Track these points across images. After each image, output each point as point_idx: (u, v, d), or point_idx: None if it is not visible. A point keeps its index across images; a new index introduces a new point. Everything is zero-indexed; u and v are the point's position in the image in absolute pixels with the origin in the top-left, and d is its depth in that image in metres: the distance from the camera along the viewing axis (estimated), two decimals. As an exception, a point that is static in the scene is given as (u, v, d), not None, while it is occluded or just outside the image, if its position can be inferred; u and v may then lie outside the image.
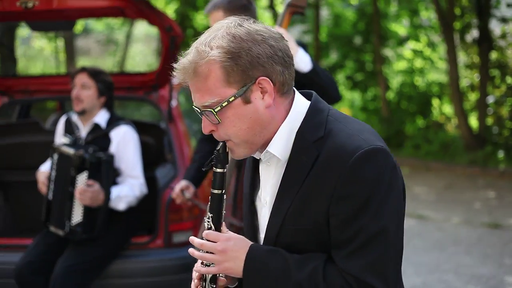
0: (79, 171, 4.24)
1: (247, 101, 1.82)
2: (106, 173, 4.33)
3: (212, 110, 1.82)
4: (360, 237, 1.79)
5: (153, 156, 4.87)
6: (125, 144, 4.49)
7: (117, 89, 4.81)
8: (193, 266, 2.02)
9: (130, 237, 4.52)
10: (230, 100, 1.81)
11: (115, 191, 4.33)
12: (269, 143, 1.91)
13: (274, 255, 1.88)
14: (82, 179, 4.24)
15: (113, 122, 4.54)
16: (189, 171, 4.11)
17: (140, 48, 23.34)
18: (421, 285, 5.84)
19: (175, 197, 3.97)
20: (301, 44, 3.69)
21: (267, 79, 1.81)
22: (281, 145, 1.89)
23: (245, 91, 1.80)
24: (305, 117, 1.89)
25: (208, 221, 1.96)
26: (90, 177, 4.23)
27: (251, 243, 1.94)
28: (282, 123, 1.89)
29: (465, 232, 7.60)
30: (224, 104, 1.81)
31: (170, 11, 16.23)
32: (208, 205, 1.98)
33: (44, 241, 4.37)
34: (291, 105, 1.90)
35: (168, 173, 4.74)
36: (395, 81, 14.73)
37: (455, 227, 7.87)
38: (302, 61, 3.48)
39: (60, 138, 4.58)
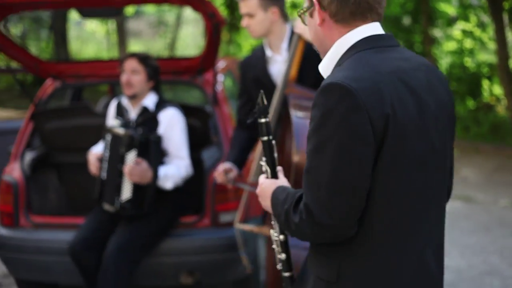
0: (129, 149, 4.41)
1: (311, 16, 2.17)
2: (154, 152, 4.49)
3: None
4: (306, 164, 2.01)
5: (199, 138, 5.00)
6: (172, 126, 4.64)
7: (164, 73, 4.97)
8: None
9: (179, 216, 4.68)
10: (304, 10, 2.20)
11: (162, 170, 4.49)
12: None
13: (283, 191, 2.17)
14: (131, 157, 4.41)
15: (161, 105, 4.70)
16: (231, 154, 4.23)
17: (191, 30, 23.47)
18: (466, 267, 5.88)
19: (217, 176, 4.08)
20: None
21: (317, 3, 2.11)
22: (325, 64, 2.17)
23: (310, 8, 2.16)
24: (346, 49, 2.10)
25: (264, 165, 2.34)
26: (139, 155, 4.40)
27: (280, 184, 2.25)
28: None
29: (512, 214, 7.61)
30: (302, 12, 2.23)
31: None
32: (262, 152, 2.36)
33: (96, 219, 4.58)
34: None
35: (214, 155, 4.87)
36: (445, 62, 14.58)
37: (502, 209, 7.86)
38: None
39: (111, 121, 4.76)
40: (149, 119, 4.63)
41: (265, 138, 2.33)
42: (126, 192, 4.45)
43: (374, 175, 1.96)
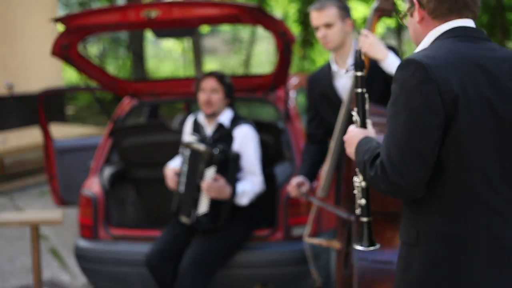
0: (208, 165, 4.54)
1: (412, 15, 2.40)
2: (233, 170, 4.62)
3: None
4: (386, 128, 2.25)
5: (272, 154, 5.11)
6: (246, 142, 4.76)
7: (238, 91, 5.10)
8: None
9: (252, 230, 4.78)
10: (406, 11, 2.43)
11: (240, 186, 4.61)
12: None
13: (368, 142, 2.37)
14: (210, 173, 4.54)
15: (235, 121, 4.83)
16: (303, 168, 4.30)
17: (265, 46, 23.71)
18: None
19: (290, 189, 4.16)
20: (391, 48, 3.82)
21: (417, 3, 2.34)
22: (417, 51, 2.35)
23: (411, 8, 2.39)
24: (435, 37, 2.32)
25: (354, 115, 2.55)
26: (217, 172, 4.53)
27: (367, 135, 2.45)
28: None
29: None
30: (404, 14, 2.47)
31: (293, 9, 16.47)
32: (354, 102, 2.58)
33: (173, 231, 4.72)
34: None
35: (286, 170, 4.96)
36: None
37: None
38: (392, 65, 3.62)
39: (188, 137, 4.90)
40: (224, 135, 4.75)
41: (359, 90, 2.55)
42: (203, 207, 4.58)
43: (445, 146, 2.17)
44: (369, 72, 3.71)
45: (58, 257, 6.56)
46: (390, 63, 3.63)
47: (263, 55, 23.65)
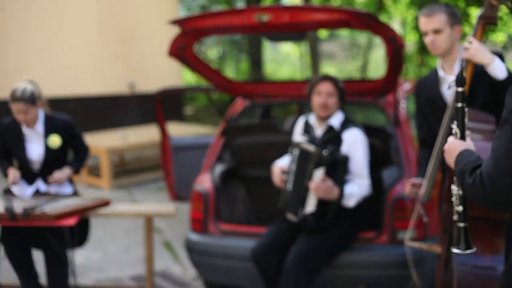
0: (317, 166, 4.66)
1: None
2: (341, 171, 4.71)
3: None
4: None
5: (380, 158, 5.16)
6: (355, 145, 4.84)
7: (349, 95, 5.19)
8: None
9: (357, 232, 4.86)
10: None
11: (347, 188, 4.70)
12: None
13: (470, 154, 2.43)
14: (318, 174, 4.65)
15: (345, 124, 4.92)
16: (419, 172, 4.33)
17: (382, 52, 23.55)
18: None
19: (405, 186, 4.22)
20: (497, 53, 3.81)
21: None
22: None
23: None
24: None
25: (454, 128, 2.62)
26: (326, 173, 4.63)
27: (468, 147, 2.50)
28: None
29: None
30: None
31: (411, 16, 16.33)
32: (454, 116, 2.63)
33: (279, 227, 4.86)
34: None
35: (394, 174, 4.99)
36: None
37: None
38: (498, 69, 3.62)
39: (298, 137, 5.03)
40: (334, 137, 4.85)
41: (459, 104, 2.61)
42: (310, 206, 4.69)
43: None
44: (473, 78, 3.74)
45: (171, 250, 6.84)
46: (496, 67, 3.63)
47: (380, 61, 23.52)
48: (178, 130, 9.88)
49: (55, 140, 5.16)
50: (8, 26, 11.93)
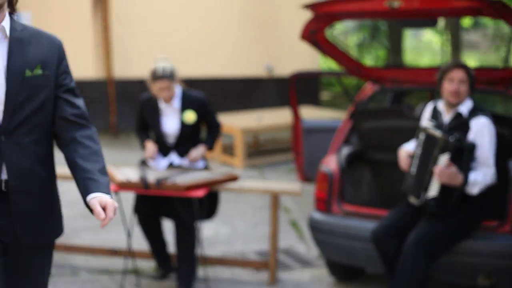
0: (442, 152, 4.69)
1: None
2: (467, 159, 4.71)
3: None
4: None
5: (507, 147, 5.10)
6: (482, 134, 4.82)
7: (479, 83, 5.16)
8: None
9: (479, 220, 4.85)
10: None
11: (472, 176, 4.70)
12: None
13: None
14: (443, 159, 4.68)
15: (474, 112, 4.90)
16: None
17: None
18: None
19: None
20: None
21: None
22: None
23: None
24: None
25: None
26: (451, 159, 4.66)
27: None
28: None
29: None
30: None
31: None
32: None
33: (400, 210, 4.94)
34: None
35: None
36: None
37: None
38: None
39: (425, 122, 5.07)
40: (461, 124, 4.85)
41: None
42: (433, 190, 4.73)
43: None
44: None
45: (297, 229, 7.03)
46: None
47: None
48: (312, 114, 10.05)
49: (190, 116, 5.46)
50: (150, 7, 12.53)
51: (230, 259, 5.90)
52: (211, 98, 5.77)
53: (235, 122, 10.32)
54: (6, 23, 2.81)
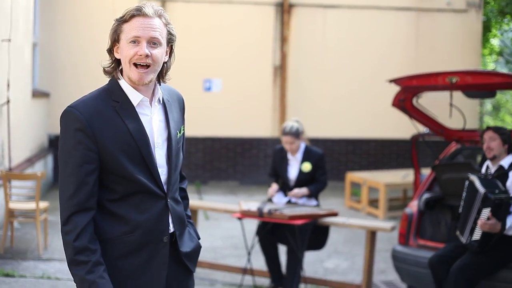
0: (485, 205, 5.76)
1: None
2: (505, 210, 5.72)
3: None
4: None
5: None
6: None
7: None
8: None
9: None
10: None
11: (509, 222, 5.75)
12: None
13: None
14: (485, 212, 5.73)
15: None
16: None
17: None
18: None
19: None
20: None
21: None
22: None
23: None
24: None
25: None
26: (492, 211, 5.69)
27: None
28: None
29: None
30: None
31: None
32: None
33: (453, 243, 6.10)
34: None
35: None
36: None
37: None
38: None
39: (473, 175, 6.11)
40: (501, 174, 5.96)
41: None
42: (477, 235, 5.81)
43: None
44: None
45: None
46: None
47: None
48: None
49: (307, 166, 7.03)
50: (323, 78, 14.26)
51: (329, 281, 7.27)
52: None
53: (383, 178, 11.70)
54: (157, 90, 2.91)
